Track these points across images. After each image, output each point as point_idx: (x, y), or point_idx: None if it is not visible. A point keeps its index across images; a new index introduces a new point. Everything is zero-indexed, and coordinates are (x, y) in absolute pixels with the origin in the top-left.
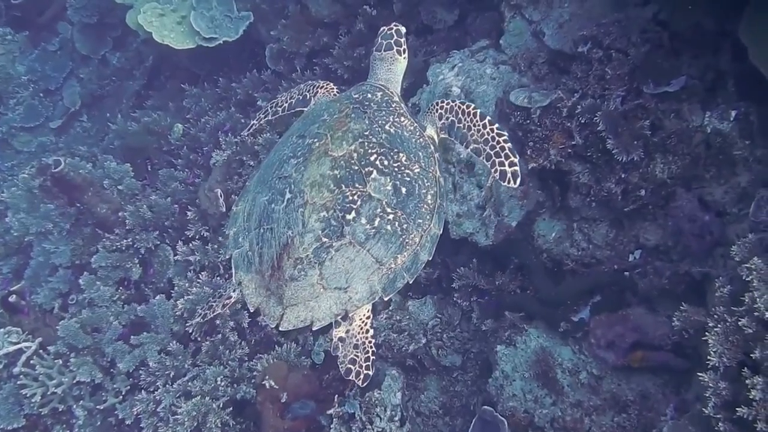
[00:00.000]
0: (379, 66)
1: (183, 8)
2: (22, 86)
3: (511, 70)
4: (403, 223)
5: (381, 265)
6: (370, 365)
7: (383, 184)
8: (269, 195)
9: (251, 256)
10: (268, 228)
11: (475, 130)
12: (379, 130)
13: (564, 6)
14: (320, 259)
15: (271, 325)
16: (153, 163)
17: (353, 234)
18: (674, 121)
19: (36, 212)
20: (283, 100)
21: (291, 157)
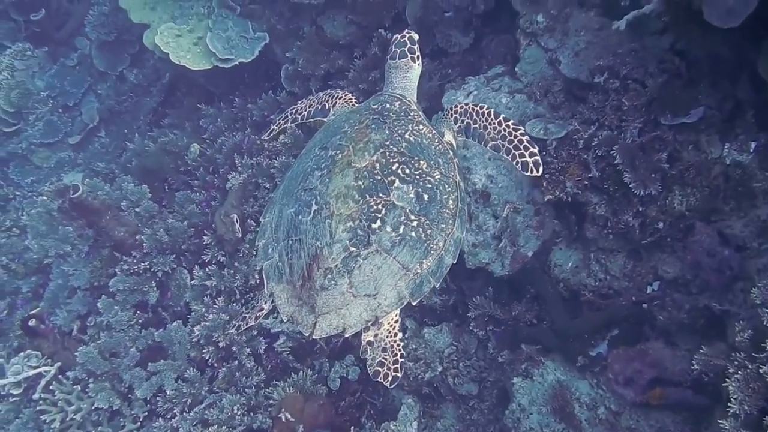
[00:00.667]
0: (395, 74)
1: (199, 29)
2: (41, 102)
3: (527, 98)
4: (427, 228)
5: (407, 271)
6: (398, 367)
7: (406, 192)
8: (296, 207)
9: (281, 267)
10: (296, 239)
11: (491, 128)
12: (399, 140)
13: (580, 35)
14: (349, 268)
15: (305, 334)
16: (170, 184)
17: (379, 242)
18: (692, 152)
19: (55, 234)
20: (302, 107)
21: (315, 169)
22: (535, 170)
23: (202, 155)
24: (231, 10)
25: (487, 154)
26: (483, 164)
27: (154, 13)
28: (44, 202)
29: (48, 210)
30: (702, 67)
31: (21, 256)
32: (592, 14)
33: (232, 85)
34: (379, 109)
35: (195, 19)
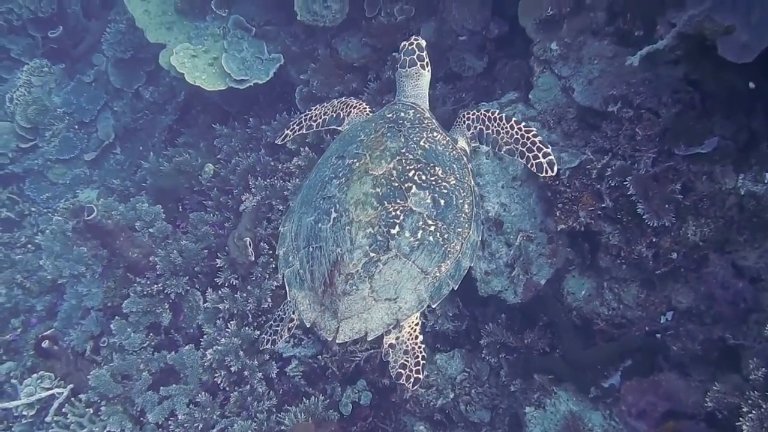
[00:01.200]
0: (406, 83)
1: (215, 50)
2: (57, 118)
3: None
4: (444, 233)
5: (426, 275)
6: (420, 369)
7: (423, 197)
8: (315, 215)
9: (303, 274)
10: (316, 246)
11: (504, 132)
12: (415, 147)
13: (594, 63)
14: (370, 273)
15: (328, 339)
16: (184, 204)
17: (398, 247)
18: (706, 183)
19: (69, 255)
20: (317, 114)
21: (333, 177)
22: (549, 170)
23: (216, 176)
24: (246, 31)
25: (501, 182)
26: (496, 192)
27: (170, 33)
28: (59, 222)
29: (63, 230)
30: (716, 98)
31: (35, 274)
32: (605, 43)
33: (247, 105)
34: (393, 117)
35: (210, 40)
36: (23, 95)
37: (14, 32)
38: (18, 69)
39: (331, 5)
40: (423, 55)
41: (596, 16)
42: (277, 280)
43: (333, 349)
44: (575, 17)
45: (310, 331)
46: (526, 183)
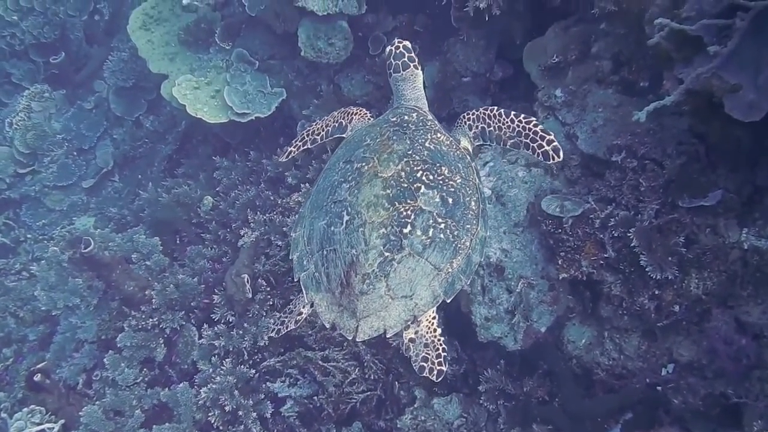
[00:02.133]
0: (404, 86)
1: (217, 82)
2: (56, 144)
3: (543, 173)
4: (454, 230)
5: (439, 271)
6: (442, 361)
7: (431, 197)
8: (327, 219)
9: (318, 277)
10: (330, 249)
11: (505, 127)
12: (421, 148)
13: (598, 111)
14: (385, 272)
15: (349, 338)
16: (182, 236)
17: (411, 246)
18: (710, 236)
19: (64, 286)
20: (319, 128)
21: (342, 181)
22: (555, 156)
23: (215, 209)
24: (249, 65)
25: (503, 228)
26: (498, 238)
27: (172, 64)
28: (55, 253)
29: (58, 261)
30: (721, 151)
31: (29, 303)
32: (610, 92)
33: (248, 137)
34: (398, 121)
35: (213, 72)
36: (23, 120)
37: (16, 56)
38: (18, 93)
39: (335, 43)
40: (413, 56)
41: (602, 65)
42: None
43: (329, 390)
44: (580, 65)
45: (305, 371)
46: (528, 229)
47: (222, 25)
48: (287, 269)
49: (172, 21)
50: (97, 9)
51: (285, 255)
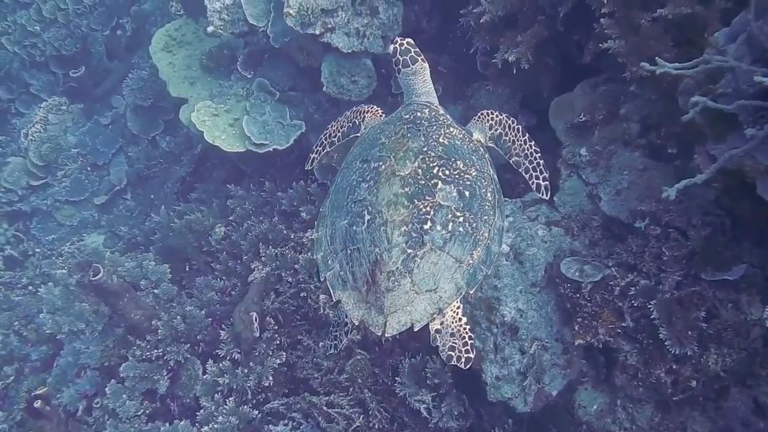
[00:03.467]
0: (414, 81)
1: (237, 110)
2: (71, 158)
3: (564, 233)
4: (472, 222)
5: (461, 263)
6: (469, 348)
7: (449, 192)
8: (348, 218)
9: (344, 276)
10: (354, 248)
11: (518, 144)
12: (435, 144)
13: (623, 173)
14: (409, 269)
15: (378, 333)
16: (191, 264)
17: (432, 241)
18: (731, 311)
19: (70, 310)
20: (335, 130)
21: (361, 181)
22: (545, 194)
23: (227, 238)
24: (270, 95)
25: (519, 287)
26: (514, 297)
27: (192, 89)
28: (63, 276)
29: (66, 284)
30: (747, 225)
31: (33, 321)
32: (636, 154)
33: (264, 166)
34: (411, 118)
35: (233, 100)
36: (39, 132)
37: (36, 67)
38: (36, 104)
39: (358, 80)
40: (418, 50)
41: (629, 127)
42: (281, 358)
43: None
44: (608, 125)
45: (309, 416)
46: (545, 290)
47: (245, 53)
48: (296, 307)
49: (195, 45)
50: (119, 24)
51: (295, 292)
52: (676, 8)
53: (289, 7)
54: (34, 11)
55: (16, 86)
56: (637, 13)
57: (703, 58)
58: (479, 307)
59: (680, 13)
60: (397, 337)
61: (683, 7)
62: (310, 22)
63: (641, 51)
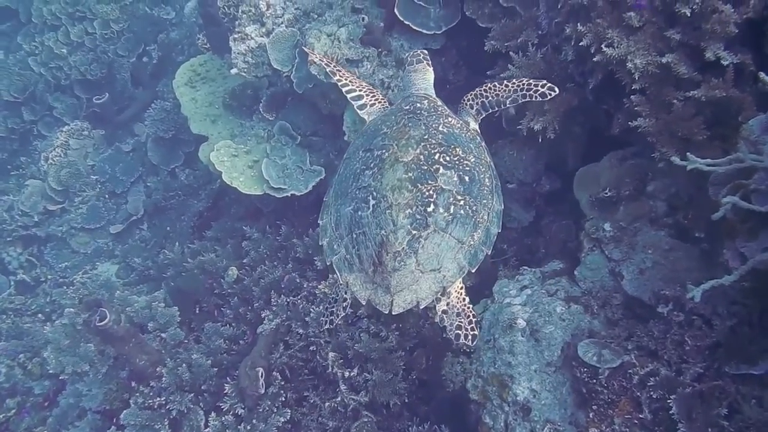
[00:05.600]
0: (415, 77)
1: (257, 152)
2: (89, 185)
3: (583, 310)
4: (473, 205)
5: (462, 244)
6: (474, 326)
7: (450, 177)
8: (353, 204)
9: (350, 259)
10: (360, 233)
11: (501, 92)
12: (435, 132)
13: (647, 252)
14: (414, 249)
15: (385, 311)
16: (202, 306)
17: (436, 223)
18: (755, 408)
19: (75, 350)
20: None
21: (365, 169)
22: (551, 92)
23: (239, 282)
24: (291, 138)
25: (534, 366)
26: (528, 376)
27: (213, 127)
28: (70, 315)
29: (73, 323)
30: None
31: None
32: (662, 234)
33: (282, 207)
34: (411, 108)
35: (254, 141)
36: (59, 156)
37: (60, 90)
38: (58, 128)
39: None
40: (428, 58)
41: (656, 205)
42: (285, 416)
43: None
44: (634, 202)
45: None
46: (560, 371)
47: (268, 94)
48: (305, 361)
49: (219, 81)
50: (146, 51)
51: (304, 345)
52: (710, 91)
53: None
54: (61, 34)
55: (40, 108)
56: (669, 91)
57: (737, 156)
58: (491, 383)
59: (714, 96)
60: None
61: (718, 90)
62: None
63: (672, 131)
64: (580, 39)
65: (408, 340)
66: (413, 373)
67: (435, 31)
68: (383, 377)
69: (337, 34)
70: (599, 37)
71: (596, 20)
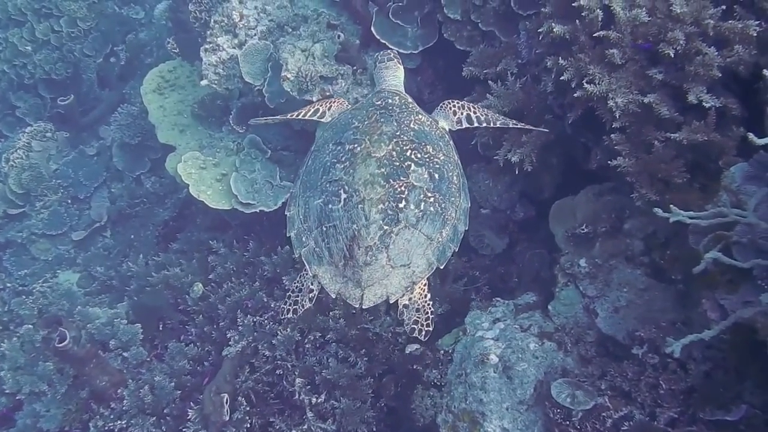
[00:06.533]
0: (386, 74)
1: (226, 165)
2: (51, 189)
3: (557, 347)
4: (441, 202)
5: (431, 241)
6: (430, 323)
7: (421, 173)
8: (323, 197)
9: (319, 252)
10: (330, 226)
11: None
12: (407, 129)
13: (623, 290)
14: (385, 244)
15: (355, 305)
16: (165, 323)
17: (406, 219)
18: None
19: (33, 369)
20: (302, 112)
21: (335, 162)
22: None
23: (204, 299)
24: (261, 152)
25: (506, 403)
26: (499, 414)
27: (182, 137)
28: (28, 332)
29: (31, 341)
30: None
31: None
32: (638, 272)
33: (250, 221)
34: (382, 104)
35: (223, 153)
36: (20, 158)
37: (24, 89)
38: (21, 128)
39: None
40: (399, 57)
41: (633, 244)
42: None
43: None
44: (610, 239)
45: None
46: (532, 409)
47: (238, 106)
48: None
49: (188, 90)
50: (114, 52)
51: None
52: (692, 134)
53: (287, 71)
54: (26, 30)
55: (2, 106)
56: (650, 131)
57: (719, 211)
58: (462, 419)
59: (696, 140)
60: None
61: (699, 134)
62: (308, 89)
63: (651, 172)
64: (561, 73)
65: (377, 366)
66: (382, 400)
67: (412, 51)
68: (351, 405)
69: (312, 50)
70: (580, 73)
71: (578, 55)
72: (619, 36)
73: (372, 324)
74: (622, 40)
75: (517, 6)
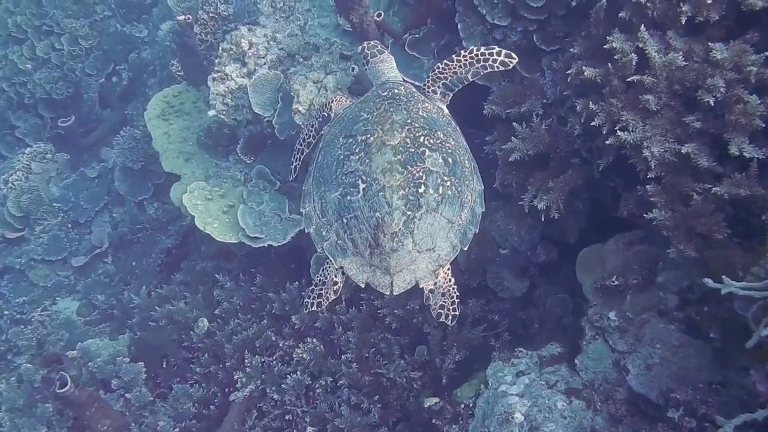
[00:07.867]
0: (382, 68)
1: (232, 196)
2: (51, 213)
3: (585, 406)
4: (458, 186)
5: (452, 224)
6: (456, 306)
7: (436, 158)
8: (340, 190)
9: (342, 244)
10: (351, 217)
11: (457, 68)
12: (417, 116)
13: (656, 346)
14: (410, 229)
15: (386, 293)
16: (169, 361)
17: (427, 203)
18: None
19: (32, 410)
20: (308, 131)
21: (349, 154)
22: (510, 61)
23: (210, 336)
24: (270, 184)
25: None
26: None
27: (187, 165)
28: (27, 371)
29: (30, 380)
30: None
31: None
32: (672, 328)
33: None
34: (389, 95)
35: (229, 183)
36: (19, 180)
37: (24, 108)
38: (21, 148)
39: None
40: (382, 47)
41: (666, 298)
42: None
43: None
44: (642, 292)
45: None
46: None
47: (246, 136)
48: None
49: (194, 116)
50: (116, 71)
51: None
52: (733, 188)
53: (299, 103)
54: (27, 48)
55: (1, 126)
56: (687, 182)
57: None
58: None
59: (738, 194)
60: None
61: (742, 188)
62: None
63: (689, 227)
64: (592, 118)
65: (391, 413)
66: None
67: None
68: None
69: (324, 81)
70: (612, 118)
71: (609, 99)
72: (654, 81)
73: (386, 368)
74: (657, 85)
75: (540, 41)
